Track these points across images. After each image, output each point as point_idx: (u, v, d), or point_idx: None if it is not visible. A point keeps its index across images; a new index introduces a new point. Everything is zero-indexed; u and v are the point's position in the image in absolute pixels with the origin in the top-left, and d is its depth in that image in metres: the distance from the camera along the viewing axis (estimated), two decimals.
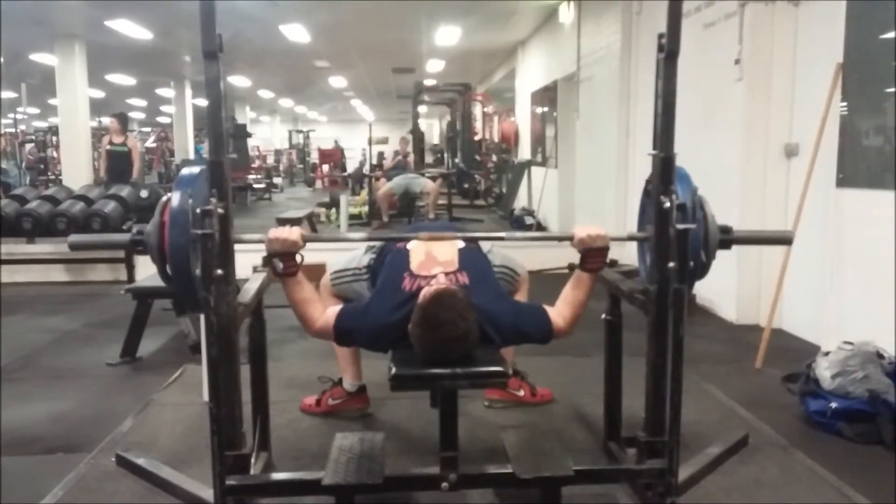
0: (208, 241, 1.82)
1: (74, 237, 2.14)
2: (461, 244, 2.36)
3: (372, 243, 2.70)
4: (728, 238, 2.11)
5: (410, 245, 2.34)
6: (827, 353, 3.02)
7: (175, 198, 1.91)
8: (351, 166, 20.83)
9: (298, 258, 2.08)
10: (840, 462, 2.55)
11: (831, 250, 3.87)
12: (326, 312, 2.19)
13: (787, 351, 3.91)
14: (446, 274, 2.20)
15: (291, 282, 2.12)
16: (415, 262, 2.26)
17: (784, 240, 2.48)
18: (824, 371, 2.92)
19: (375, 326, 2.15)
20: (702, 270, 2.07)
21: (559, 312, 2.19)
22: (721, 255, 2.10)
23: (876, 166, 3.60)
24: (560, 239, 2.23)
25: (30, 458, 2.68)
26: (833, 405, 2.83)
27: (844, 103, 3.78)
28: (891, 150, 3.47)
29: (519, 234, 9.17)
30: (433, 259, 2.25)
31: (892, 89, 3.47)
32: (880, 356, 2.92)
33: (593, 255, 2.14)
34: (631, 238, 2.30)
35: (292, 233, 2.05)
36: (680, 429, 1.99)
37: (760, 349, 3.77)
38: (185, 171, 2.02)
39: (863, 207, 3.67)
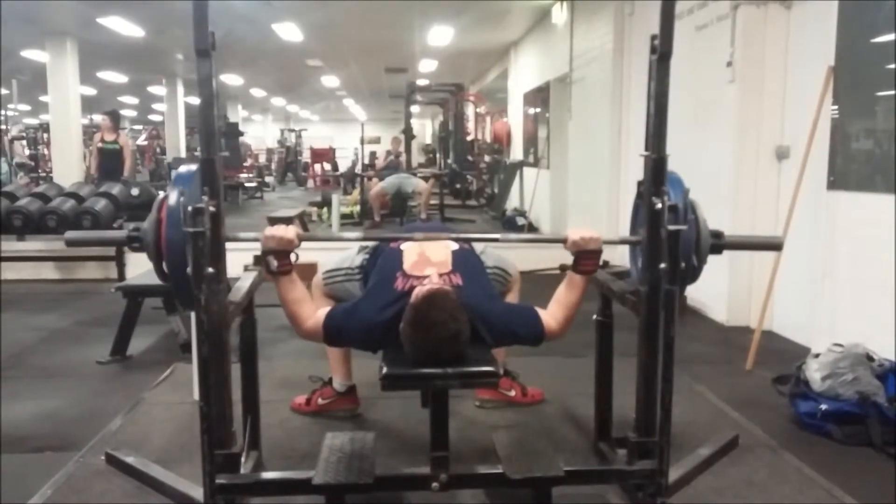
0: (199, 240, 1.80)
1: (71, 233, 2.15)
2: (455, 245, 2.36)
3: (365, 243, 2.70)
4: (720, 243, 2.12)
5: (404, 245, 2.33)
6: (817, 355, 3.04)
7: (172, 195, 1.91)
8: (343, 166, 20.79)
9: (293, 257, 2.08)
10: (829, 463, 2.56)
11: (822, 252, 3.89)
12: (317, 314, 2.18)
13: (778, 353, 3.93)
14: (440, 275, 2.20)
15: (285, 280, 2.11)
16: (408, 263, 2.25)
17: (774, 246, 2.51)
18: (814, 373, 2.94)
19: (365, 324, 2.14)
20: (693, 275, 2.07)
21: (552, 314, 2.18)
22: (713, 256, 2.11)
23: (867, 169, 3.62)
24: (553, 241, 2.22)
25: (18, 456, 2.66)
26: (823, 407, 2.84)
27: (836, 106, 3.80)
28: (881, 154, 3.49)
29: (513, 235, 9.18)
30: (426, 260, 2.25)
31: (883, 92, 3.49)
32: (870, 358, 2.93)
33: (586, 258, 2.14)
34: (624, 241, 2.29)
35: (287, 231, 2.05)
36: (670, 429, 1.99)
37: (751, 351, 3.78)
38: (183, 169, 2.03)
39: (853, 210, 3.69)
